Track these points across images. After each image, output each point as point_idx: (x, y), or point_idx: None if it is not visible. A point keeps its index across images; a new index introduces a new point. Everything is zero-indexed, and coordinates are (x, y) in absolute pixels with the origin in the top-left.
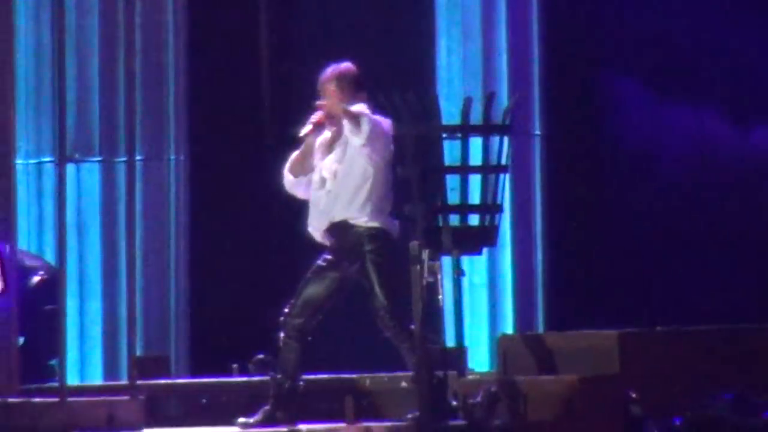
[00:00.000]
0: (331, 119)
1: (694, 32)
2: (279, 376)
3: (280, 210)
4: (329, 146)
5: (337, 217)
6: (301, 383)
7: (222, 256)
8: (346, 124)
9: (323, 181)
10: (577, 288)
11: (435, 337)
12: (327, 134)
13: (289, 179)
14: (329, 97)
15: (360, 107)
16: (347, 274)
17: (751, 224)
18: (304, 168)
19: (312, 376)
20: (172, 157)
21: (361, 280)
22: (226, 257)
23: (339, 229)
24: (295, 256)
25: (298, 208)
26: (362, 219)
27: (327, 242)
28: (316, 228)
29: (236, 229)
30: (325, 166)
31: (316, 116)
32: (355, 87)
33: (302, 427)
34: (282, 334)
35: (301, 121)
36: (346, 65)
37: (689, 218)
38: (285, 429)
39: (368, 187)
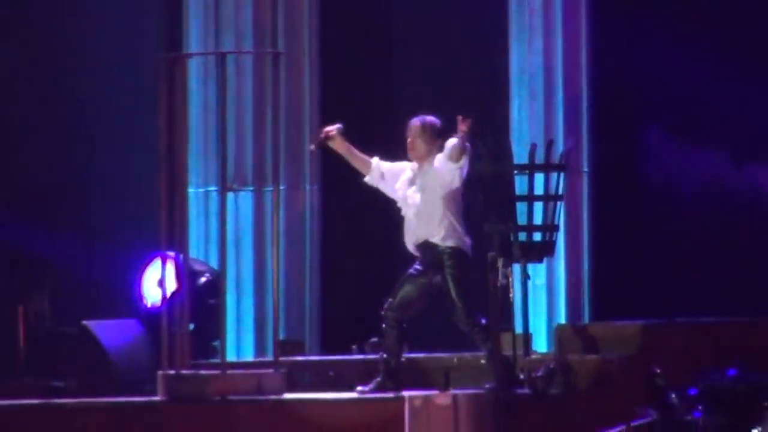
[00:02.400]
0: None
1: (707, 89)
2: (386, 355)
3: (388, 227)
4: (413, 179)
5: (422, 237)
6: (403, 360)
7: (344, 263)
8: (452, 152)
9: (410, 206)
10: (615, 289)
11: (507, 326)
12: (409, 170)
13: (365, 180)
14: (418, 138)
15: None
16: (433, 282)
17: (748, 239)
18: (361, 168)
19: (412, 355)
20: (307, 186)
21: (442, 288)
22: (348, 264)
23: (424, 247)
24: (398, 262)
25: (399, 226)
26: (441, 239)
27: (417, 254)
28: (408, 243)
29: (356, 241)
30: (410, 195)
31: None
32: (437, 134)
33: (405, 393)
34: (384, 324)
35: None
36: (433, 118)
37: (702, 235)
38: (392, 395)
39: (445, 212)
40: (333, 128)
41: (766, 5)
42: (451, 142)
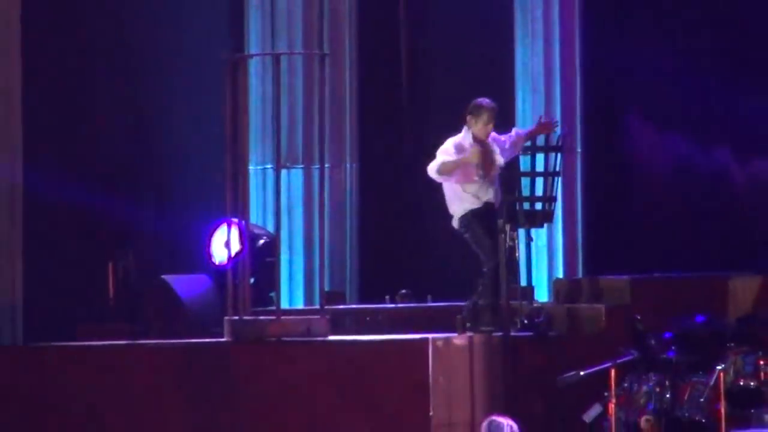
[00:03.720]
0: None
1: (677, 84)
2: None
3: (414, 197)
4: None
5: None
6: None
7: (379, 228)
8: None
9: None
10: (604, 249)
11: (514, 279)
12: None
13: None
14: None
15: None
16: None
17: (713, 208)
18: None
19: (436, 304)
20: (348, 164)
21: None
22: (382, 228)
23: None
24: (425, 227)
25: (423, 195)
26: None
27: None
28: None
29: (388, 210)
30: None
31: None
32: None
33: (429, 336)
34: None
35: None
36: None
37: (675, 204)
38: (418, 337)
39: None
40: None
41: (729, 11)
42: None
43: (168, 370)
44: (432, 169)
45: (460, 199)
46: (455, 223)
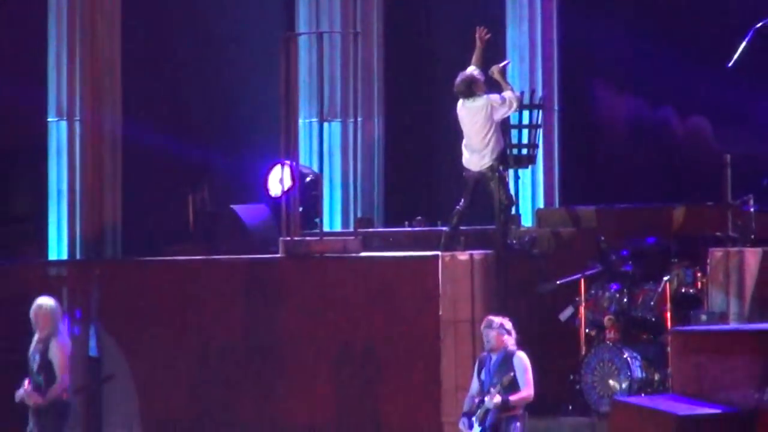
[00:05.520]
0: None
1: (635, 53)
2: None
3: (431, 144)
4: None
5: None
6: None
7: (400, 168)
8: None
9: None
10: (576, 184)
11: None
12: None
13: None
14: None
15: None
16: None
17: (660, 151)
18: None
19: (444, 228)
20: (376, 118)
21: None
22: (402, 169)
23: None
24: (441, 168)
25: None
26: None
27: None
28: None
29: (408, 154)
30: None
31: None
32: None
33: (438, 253)
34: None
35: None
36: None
37: (631, 149)
38: (430, 254)
39: None
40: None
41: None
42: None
43: (235, 280)
44: (516, 102)
45: (498, 142)
46: (490, 162)
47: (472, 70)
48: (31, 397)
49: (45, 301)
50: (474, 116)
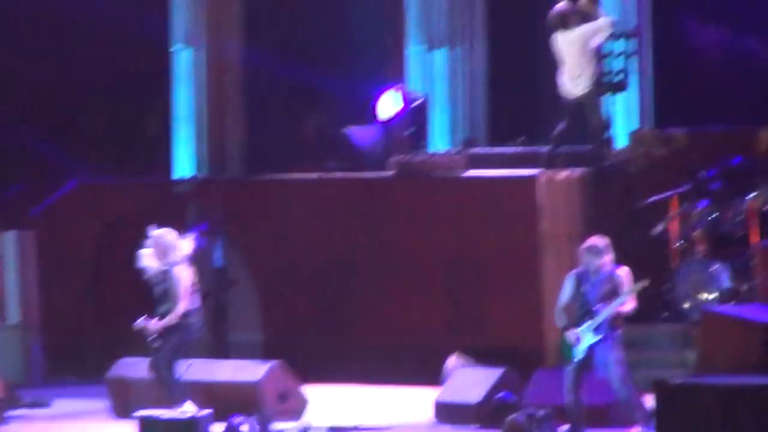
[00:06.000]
0: None
1: None
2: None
3: (532, 71)
4: None
5: None
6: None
7: (503, 92)
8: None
9: None
10: (669, 108)
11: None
12: None
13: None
14: None
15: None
16: None
17: (752, 78)
18: None
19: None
20: (479, 47)
21: None
22: (506, 93)
23: None
24: (538, 93)
25: (532, 72)
26: None
27: None
28: None
29: (511, 78)
30: None
31: None
32: None
33: (540, 171)
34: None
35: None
36: None
37: (722, 75)
38: (528, 175)
39: None
40: None
41: None
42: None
43: (349, 197)
44: (608, 29)
45: (593, 69)
46: (587, 88)
47: (563, 3)
48: (151, 327)
49: (163, 232)
50: (569, 47)
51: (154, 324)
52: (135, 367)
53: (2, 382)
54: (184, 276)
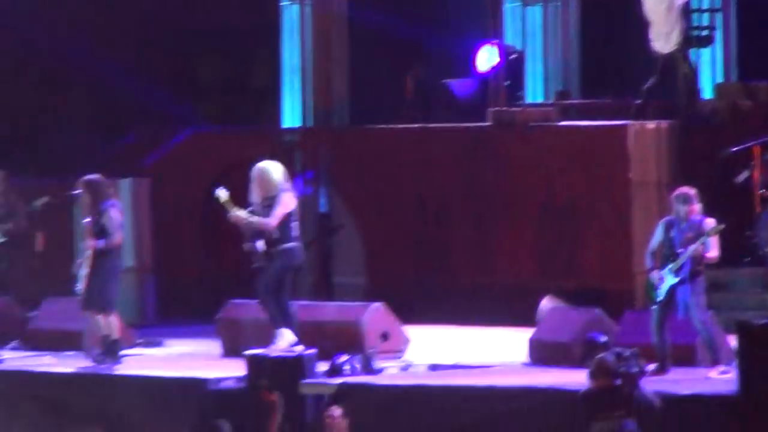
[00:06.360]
0: None
1: None
2: None
3: (622, 25)
4: None
5: None
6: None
7: (598, 45)
8: None
9: None
10: (753, 61)
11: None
12: None
13: None
14: None
15: None
16: None
17: None
18: None
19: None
20: (572, 2)
21: None
22: (597, 44)
23: None
24: (630, 42)
25: (624, 24)
26: None
27: None
28: None
29: (603, 31)
30: None
31: None
32: None
33: (629, 122)
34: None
35: None
36: None
37: None
38: (619, 124)
39: None
40: None
41: None
42: None
43: (449, 145)
44: None
45: (681, 25)
46: (675, 44)
47: None
48: (257, 252)
49: (265, 164)
50: (657, 5)
51: (260, 245)
52: (244, 308)
53: (120, 322)
54: (287, 201)
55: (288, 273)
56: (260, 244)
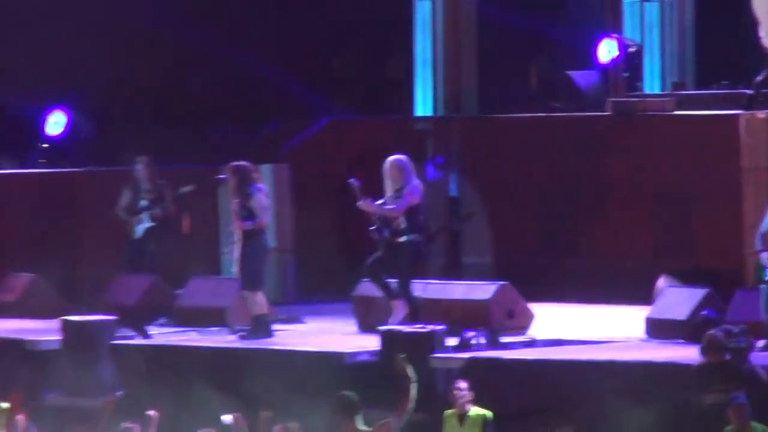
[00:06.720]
0: None
1: None
2: None
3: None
4: None
5: None
6: None
7: (713, 39)
8: None
9: None
10: None
11: None
12: None
13: None
14: None
15: None
16: None
17: None
18: None
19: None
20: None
21: None
22: (715, 39)
23: None
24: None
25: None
26: None
27: None
28: None
29: (720, 28)
30: None
31: None
32: None
33: (740, 112)
34: None
35: None
36: None
37: None
38: (750, 113)
39: None
40: None
41: None
42: None
43: (570, 133)
44: None
45: None
46: None
47: None
48: (382, 240)
49: (396, 157)
50: (766, 5)
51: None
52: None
53: (266, 299)
54: (415, 194)
55: (416, 266)
56: (386, 233)
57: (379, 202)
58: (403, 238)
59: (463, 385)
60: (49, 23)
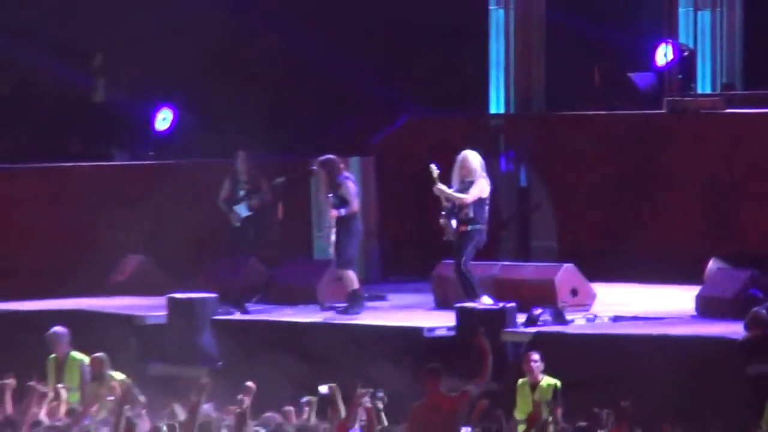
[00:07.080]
0: None
1: None
2: None
3: None
4: None
5: None
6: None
7: (762, 43)
8: None
9: None
10: None
11: None
12: None
13: None
14: None
15: None
16: None
17: None
18: None
19: None
20: (739, 8)
21: None
22: (764, 44)
23: None
24: None
25: None
26: None
27: None
28: None
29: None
30: None
31: None
32: None
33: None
34: None
35: None
36: None
37: None
38: None
39: None
40: None
41: None
42: None
43: (631, 129)
44: None
45: None
46: None
47: None
48: (450, 228)
49: (468, 151)
50: None
51: (454, 222)
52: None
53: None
54: (482, 186)
55: (477, 250)
56: (454, 222)
57: (451, 190)
58: (469, 228)
59: (536, 356)
60: (156, 30)
